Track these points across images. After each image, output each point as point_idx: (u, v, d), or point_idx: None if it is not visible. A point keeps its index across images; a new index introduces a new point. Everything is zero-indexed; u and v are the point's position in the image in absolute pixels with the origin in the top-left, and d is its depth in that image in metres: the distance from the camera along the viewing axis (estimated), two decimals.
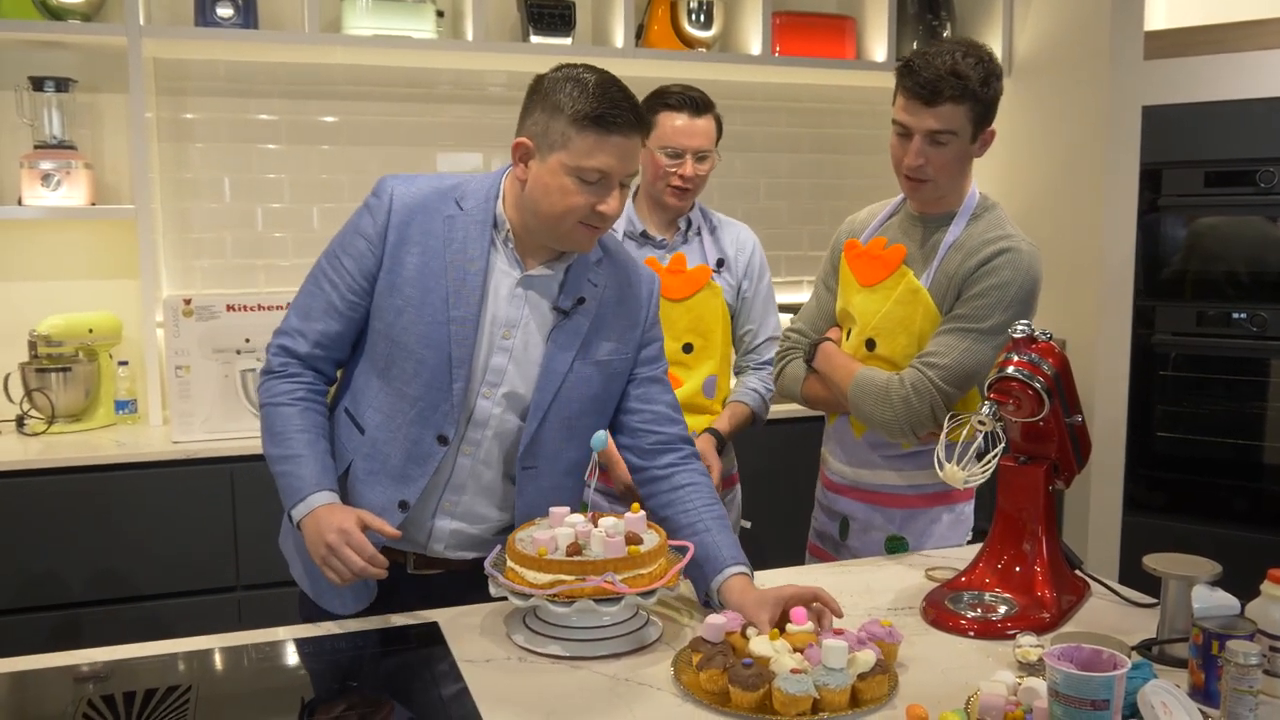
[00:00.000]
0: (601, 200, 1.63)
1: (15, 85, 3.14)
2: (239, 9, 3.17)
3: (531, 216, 1.68)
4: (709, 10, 3.65)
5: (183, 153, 3.39)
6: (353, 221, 1.75)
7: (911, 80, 1.93)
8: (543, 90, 1.63)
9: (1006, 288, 1.96)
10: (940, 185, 2.01)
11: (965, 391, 1.99)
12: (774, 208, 4.09)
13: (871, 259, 2.10)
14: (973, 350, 1.95)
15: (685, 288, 2.41)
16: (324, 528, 1.60)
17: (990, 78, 1.94)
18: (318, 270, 1.77)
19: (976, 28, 4.07)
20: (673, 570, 1.60)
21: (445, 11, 3.50)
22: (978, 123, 1.97)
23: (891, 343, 2.05)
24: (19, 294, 3.24)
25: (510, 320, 1.72)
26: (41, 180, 3.07)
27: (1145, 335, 3.54)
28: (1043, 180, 3.84)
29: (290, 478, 1.68)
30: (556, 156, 1.61)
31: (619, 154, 1.61)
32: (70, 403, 3.10)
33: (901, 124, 1.97)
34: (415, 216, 1.71)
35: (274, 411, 1.73)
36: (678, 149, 2.34)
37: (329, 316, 1.74)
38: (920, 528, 2.13)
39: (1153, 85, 3.44)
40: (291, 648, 1.61)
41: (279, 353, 1.76)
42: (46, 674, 1.51)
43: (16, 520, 2.74)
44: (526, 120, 1.66)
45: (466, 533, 1.79)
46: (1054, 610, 1.67)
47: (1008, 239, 2.00)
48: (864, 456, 2.15)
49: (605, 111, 1.58)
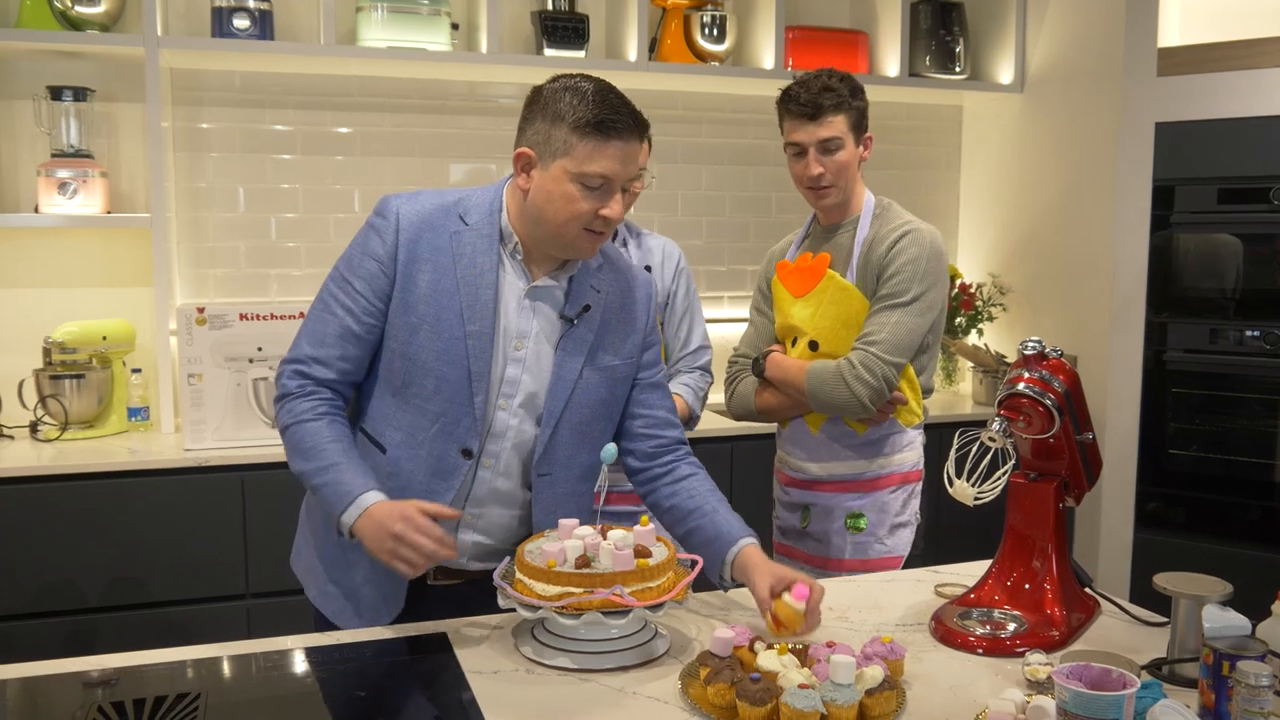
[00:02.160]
0: (605, 205, 1.66)
1: (33, 95, 3.18)
2: (255, 20, 3.20)
3: (536, 225, 1.70)
4: (722, 24, 3.66)
5: (198, 162, 3.42)
6: (359, 243, 1.74)
7: (795, 104, 2.21)
8: (542, 100, 1.67)
9: (917, 262, 2.20)
10: (841, 191, 2.27)
11: (908, 359, 2.22)
12: (786, 221, 4.09)
13: (801, 271, 2.33)
14: (903, 322, 2.19)
15: None
16: (386, 521, 1.60)
17: (856, 91, 2.24)
18: (327, 296, 1.75)
19: (989, 43, 4.07)
20: (681, 584, 1.60)
21: (460, 24, 3.52)
22: (856, 129, 2.24)
23: (833, 339, 2.26)
24: (35, 301, 3.27)
25: (521, 331, 1.74)
26: (58, 188, 3.09)
27: (1157, 352, 3.53)
28: (1055, 196, 3.83)
29: (334, 486, 1.66)
30: (560, 164, 1.64)
31: (620, 158, 1.64)
32: (83, 409, 3.12)
33: (795, 142, 2.24)
34: (423, 234, 1.72)
35: (300, 429, 1.71)
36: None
37: (346, 341, 1.73)
38: (877, 505, 2.30)
39: (1166, 102, 3.44)
40: (300, 657, 1.62)
41: (294, 376, 1.74)
42: (57, 680, 1.52)
43: (29, 526, 2.76)
44: (527, 130, 1.69)
45: (487, 545, 1.80)
46: (1063, 628, 1.66)
47: (908, 224, 2.25)
48: (827, 449, 2.32)
49: (606, 117, 1.61)
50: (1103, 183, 3.61)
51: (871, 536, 2.29)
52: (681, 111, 3.91)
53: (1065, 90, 3.78)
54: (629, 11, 3.54)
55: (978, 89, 3.99)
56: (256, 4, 3.20)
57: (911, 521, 2.34)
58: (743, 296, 4.07)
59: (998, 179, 4.11)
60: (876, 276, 2.22)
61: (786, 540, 2.45)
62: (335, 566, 1.80)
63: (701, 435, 3.31)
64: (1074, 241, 3.75)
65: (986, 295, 4.09)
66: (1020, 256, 4.02)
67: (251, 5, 3.19)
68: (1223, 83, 3.32)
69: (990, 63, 4.08)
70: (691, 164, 3.95)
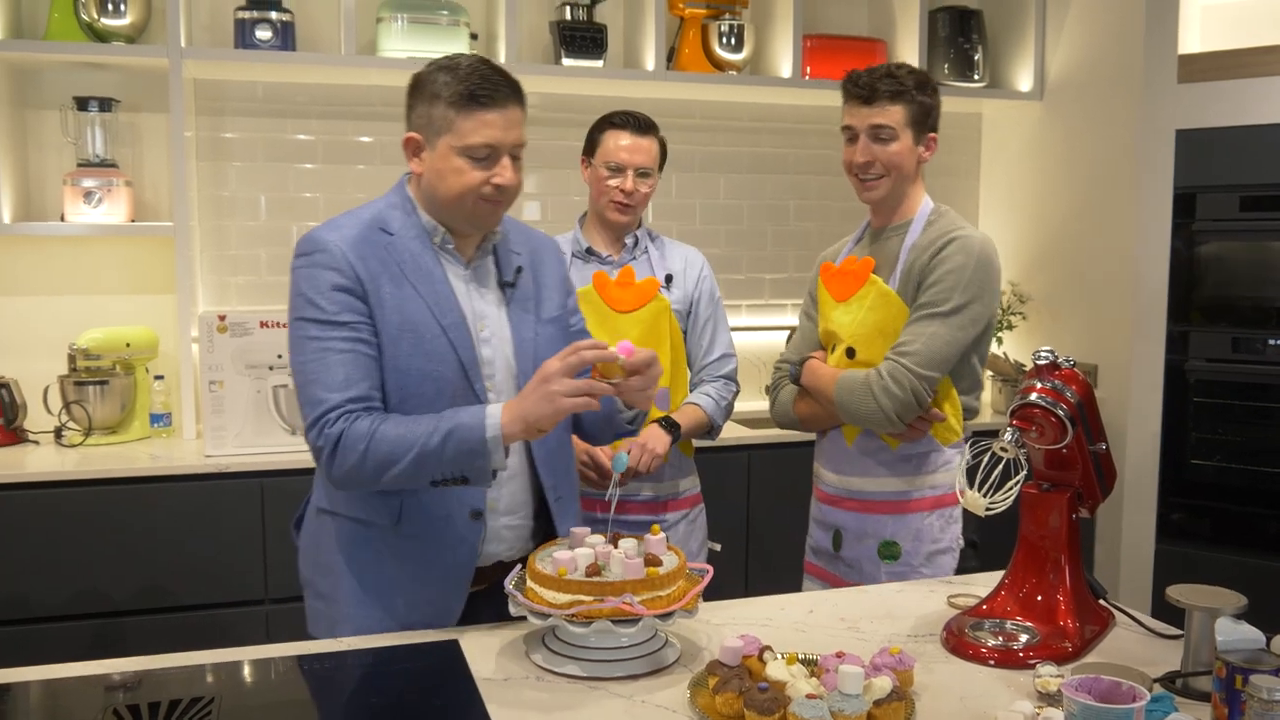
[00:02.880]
0: (495, 173, 1.71)
1: (60, 105, 3.22)
2: (277, 32, 3.23)
3: (434, 204, 1.76)
4: (739, 33, 3.67)
5: (220, 171, 3.45)
6: (312, 287, 1.70)
7: (852, 85, 2.15)
8: (420, 84, 1.73)
9: (961, 270, 2.09)
10: (890, 186, 2.17)
11: (943, 374, 2.12)
12: (804, 229, 4.09)
13: (844, 274, 2.25)
14: (939, 334, 2.08)
15: (634, 300, 2.46)
16: (532, 393, 1.61)
17: (924, 85, 2.16)
18: (317, 345, 1.69)
19: (1009, 50, 4.06)
20: (691, 593, 1.60)
21: (479, 34, 3.55)
22: (917, 125, 2.15)
23: (870, 347, 2.17)
24: (60, 308, 3.31)
25: (478, 313, 1.80)
26: (83, 197, 3.14)
27: (1178, 361, 3.50)
28: (1075, 204, 3.81)
29: (457, 433, 1.62)
30: (444, 141, 1.70)
31: (501, 125, 1.69)
32: (107, 415, 3.15)
33: (847, 126, 2.18)
34: (365, 254, 1.73)
35: (378, 436, 1.64)
36: (619, 164, 2.42)
37: (370, 369, 1.70)
38: (911, 532, 2.20)
39: (1186, 108, 3.42)
40: (314, 662, 1.63)
41: (338, 420, 1.66)
42: (73, 683, 1.54)
43: (53, 530, 2.79)
44: (411, 116, 1.75)
45: (513, 525, 1.84)
46: (1076, 640, 1.66)
47: (958, 230, 2.15)
48: (857, 464, 2.23)
49: (477, 88, 1.67)
50: (1123, 190, 3.59)
51: (907, 566, 2.19)
52: (699, 120, 3.92)
53: (1085, 97, 3.76)
54: (647, 21, 3.56)
55: (997, 96, 3.98)
56: (278, 15, 3.24)
57: (952, 547, 2.21)
58: (761, 305, 4.07)
59: (1017, 187, 4.09)
60: (918, 283, 2.13)
61: (818, 561, 2.35)
62: (378, 600, 1.79)
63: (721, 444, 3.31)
64: (1094, 249, 3.73)
65: (1006, 304, 4.07)
66: (1040, 264, 4.00)
67: (273, 17, 3.23)
68: (1244, 89, 3.30)
69: (1009, 70, 4.07)
70: (710, 172, 3.96)
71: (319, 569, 1.86)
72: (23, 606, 2.79)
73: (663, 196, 3.90)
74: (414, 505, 1.76)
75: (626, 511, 2.44)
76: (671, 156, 3.89)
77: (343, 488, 1.74)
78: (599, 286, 2.45)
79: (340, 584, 1.81)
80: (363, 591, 1.79)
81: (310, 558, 1.89)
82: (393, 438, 1.64)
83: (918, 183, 2.22)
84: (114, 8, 3.11)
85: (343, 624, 1.79)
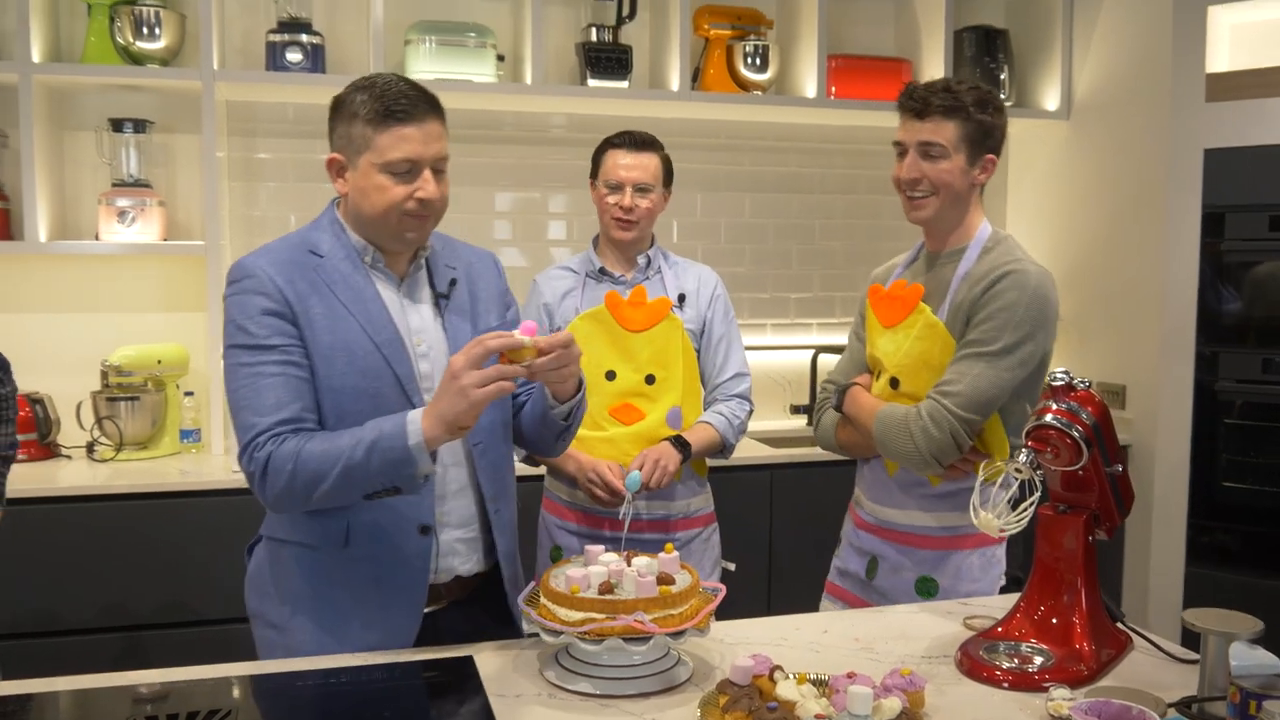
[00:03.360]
0: (417, 187, 1.72)
1: (96, 126, 3.29)
2: (308, 54, 3.29)
3: (360, 223, 1.78)
4: (764, 54, 3.69)
5: (252, 191, 3.51)
6: (240, 313, 1.72)
7: (906, 99, 2.07)
8: (338, 106, 1.76)
9: (1013, 309, 1.98)
10: (939, 206, 2.07)
11: (985, 417, 2.01)
12: (829, 249, 4.10)
13: (892, 299, 2.15)
14: (986, 374, 1.98)
15: (646, 319, 2.47)
16: (443, 394, 1.59)
17: (985, 104, 2.04)
18: (247, 371, 1.69)
19: (1035, 70, 4.05)
20: (703, 611, 1.60)
21: (505, 56, 3.59)
22: (972, 144, 2.04)
23: (914, 379, 2.08)
24: (93, 325, 3.38)
25: (414, 328, 1.82)
26: (118, 216, 3.20)
27: (1208, 382, 3.47)
28: (1103, 224, 3.79)
29: (380, 443, 1.61)
30: (365, 159, 1.72)
31: (420, 139, 1.71)
32: (138, 431, 3.21)
33: (898, 141, 2.09)
34: (294, 277, 1.74)
35: (304, 455, 1.64)
36: (618, 182, 2.45)
37: (301, 390, 1.70)
38: (951, 570, 2.11)
39: (1215, 128, 3.39)
40: (331, 677, 1.65)
41: (267, 443, 1.66)
42: (102, 694, 1.57)
43: (83, 543, 2.84)
44: (333, 138, 1.77)
45: (466, 539, 1.84)
46: (1092, 664, 1.64)
47: (1014, 263, 2.02)
48: (894, 496, 2.15)
49: (392, 105, 1.69)
50: (1151, 210, 3.57)
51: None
52: (724, 140, 3.94)
53: (1112, 116, 3.74)
54: (672, 42, 3.58)
55: (1023, 116, 3.97)
56: (309, 38, 3.30)
57: (992, 590, 2.11)
58: (786, 324, 4.07)
59: (1044, 206, 4.07)
60: (967, 318, 2.02)
61: (844, 583, 2.27)
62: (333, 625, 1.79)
63: (743, 463, 3.32)
64: (1122, 269, 3.71)
65: None
66: (1067, 284, 3.98)
67: (304, 39, 3.28)
68: (1273, 108, 3.28)
69: (1035, 89, 4.06)
70: (734, 192, 3.97)
71: (267, 599, 1.85)
72: (52, 619, 2.84)
73: (688, 215, 3.92)
74: (361, 525, 1.76)
75: (639, 530, 2.44)
76: (696, 176, 3.95)
77: (279, 510, 1.75)
78: (611, 306, 2.46)
79: (290, 612, 1.81)
80: (316, 618, 1.79)
81: (257, 587, 1.88)
82: (318, 454, 1.64)
83: (975, 206, 2.11)
84: (149, 31, 3.19)
85: (296, 653, 1.78)
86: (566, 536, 2.51)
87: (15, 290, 3.32)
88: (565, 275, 2.55)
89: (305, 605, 1.79)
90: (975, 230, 2.11)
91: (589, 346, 2.44)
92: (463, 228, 3.70)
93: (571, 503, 2.50)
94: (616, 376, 2.45)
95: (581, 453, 2.40)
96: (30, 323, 3.33)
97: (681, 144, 3.86)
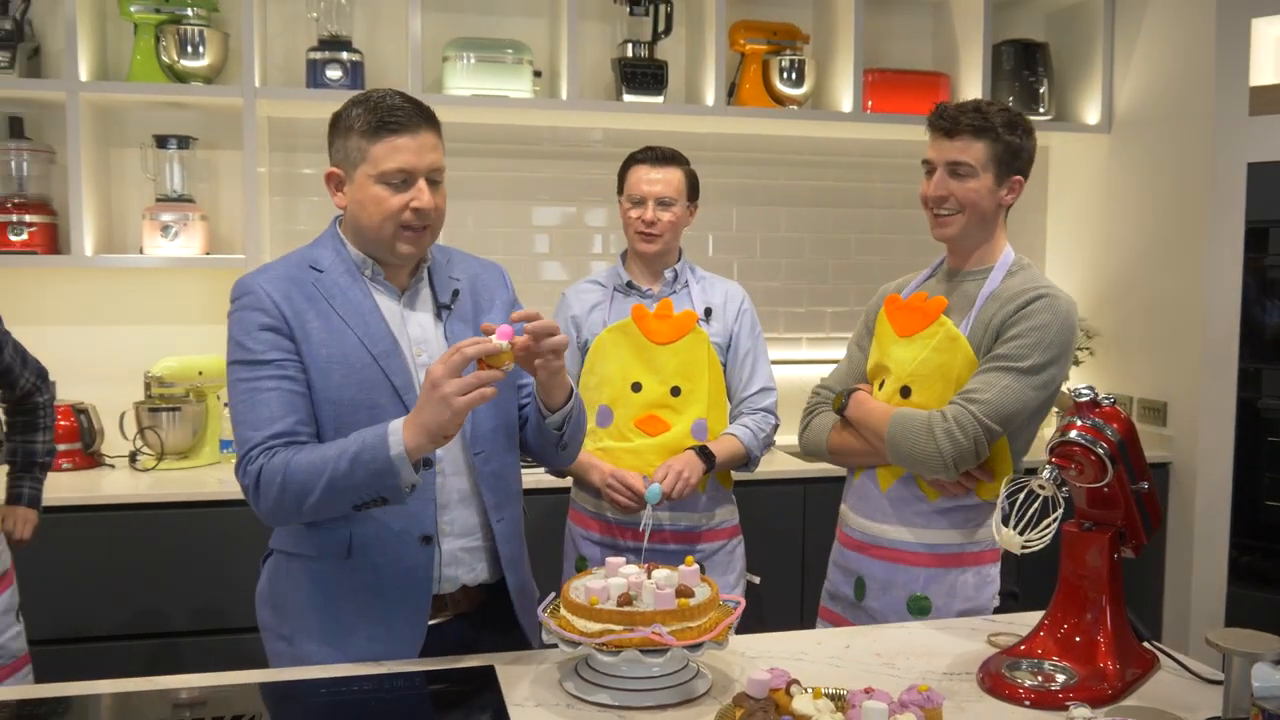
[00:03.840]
0: (412, 197, 1.73)
1: (141, 143, 3.37)
2: (347, 71, 3.35)
3: (360, 237, 1.80)
4: (800, 68, 3.69)
5: (292, 206, 3.57)
6: (240, 330, 1.75)
7: (937, 118, 2.09)
8: (336, 121, 1.79)
9: (1046, 329, 2.00)
10: (965, 225, 2.09)
11: (1006, 430, 2.00)
12: (866, 263, 4.08)
13: (912, 310, 2.15)
14: (1013, 388, 1.98)
15: (672, 332, 2.48)
16: (424, 404, 1.59)
17: (1014, 126, 2.06)
18: (246, 386, 1.73)
19: (1075, 83, 4.01)
20: (722, 624, 1.61)
21: (542, 71, 3.62)
22: (1000, 165, 2.06)
23: (928, 389, 2.08)
24: (137, 337, 3.45)
25: (415, 339, 1.83)
26: (161, 231, 3.27)
27: (1251, 399, 3.40)
28: (1144, 239, 3.74)
29: (363, 455, 1.62)
30: (361, 171, 1.74)
31: (413, 150, 1.73)
32: (179, 441, 3.27)
33: (927, 160, 2.12)
34: (292, 292, 1.77)
35: (292, 467, 1.66)
36: (640, 196, 2.48)
37: (296, 404, 1.72)
38: (945, 588, 2.09)
39: (1258, 141, 3.34)
40: (353, 685, 1.67)
41: (260, 456, 1.69)
42: (139, 698, 1.61)
43: (124, 550, 2.90)
44: (331, 152, 1.80)
45: (470, 547, 1.85)
46: (1116, 682, 1.62)
47: (1047, 287, 2.06)
48: (887, 512, 2.13)
49: (385, 116, 1.72)
50: (1193, 224, 3.52)
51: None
52: (761, 154, 3.95)
53: (1154, 130, 3.70)
54: (708, 57, 3.60)
55: (1063, 129, 3.93)
56: (349, 55, 3.35)
57: (987, 608, 2.09)
58: (821, 338, 4.06)
59: (1085, 220, 4.03)
60: (996, 334, 2.02)
61: (834, 607, 2.26)
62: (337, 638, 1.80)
63: (776, 477, 3.31)
64: (1164, 285, 3.65)
65: None
66: (1108, 300, 3.93)
67: (344, 57, 3.34)
68: None
69: (1076, 103, 4.02)
70: (771, 206, 3.98)
71: (277, 611, 1.88)
72: (90, 625, 2.90)
73: (723, 229, 3.93)
74: (362, 537, 1.77)
75: (662, 541, 2.46)
76: (732, 190, 3.96)
77: (274, 523, 1.78)
78: (638, 319, 2.48)
79: (298, 625, 1.83)
80: (321, 630, 1.81)
81: (266, 600, 1.91)
82: (305, 466, 1.66)
83: (999, 229, 2.13)
84: (193, 50, 3.26)
85: (303, 665, 1.79)
86: (590, 547, 2.53)
87: (63, 302, 3.41)
88: (593, 289, 2.58)
89: (311, 618, 1.82)
90: (999, 252, 2.13)
91: (615, 359, 2.46)
92: (502, 242, 3.74)
93: (596, 513, 2.51)
94: (642, 388, 2.46)
95: (605, 462, 2.42)
96: (76, 334, 3.42)
97: (717, 159, 3.88)
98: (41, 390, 2.47)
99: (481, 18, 3.67)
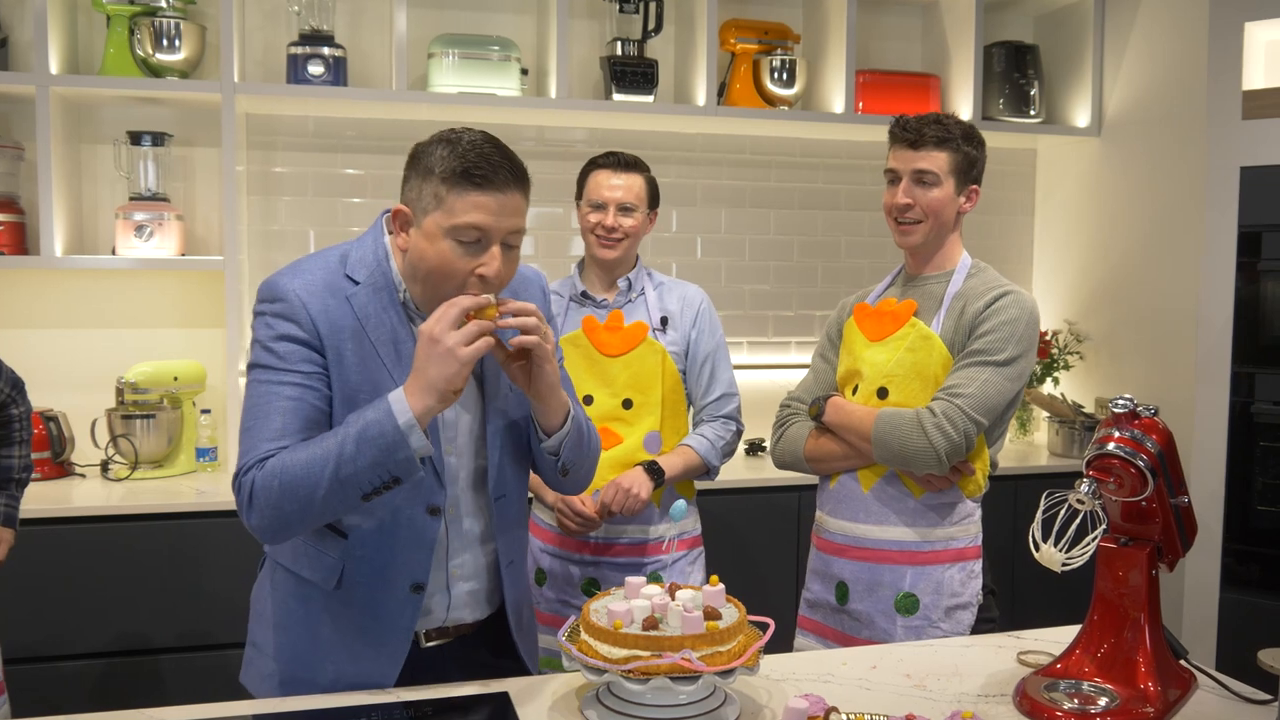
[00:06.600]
0: (482, 262, 1.58)
1: (114, 139, 3.24)
2: (329, 67, 3.24)
3: (414, 284, 1.65)
4: (791, 68, 3.64)
5: (271, 205, 3.46)
6: (268, 336, 1.63)
7: (900, 129, 2.18)
8: (416, 156, 1.62)
9: (1016, 323, 2.09)
10: (928, 233, 2.17)
11: (989, 422, 2.07)
12: (855, 266, 4.03)
13: (881, 315, 2.22)
14: (993, 381, 2.06)
15: (621, 344, 2.43)
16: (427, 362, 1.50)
17: (971, 138, 2.17)
18: (262, 395, 1.60)
19: (1065, 86, 3.99)
20: (752, 648, 1.54)
21: (529, 69, 3.54)
22: (960, 174, 2.16)
23: (905, 388, 2.14)
24: (109, 341, 3.32)
25: None
26: (135, 231, 3.15)
27: (1244, 404, 3.39)
28: (1137, 242, 3.72)
29: (369, 431, 1.50)
30: (432, 219, 1.57)
31: (494, 209, 1.56)
32: (153, 449, 3.15)
33: (891, 169, 2.19)
34: (328, 306, 1.63)
35: (287, 466, 1.54)
36: (601, 201, 2.43)
37: (312, 420, 1.61)
38: (931, 585, 2.13)
39: (1251, 145, 3.33)
40: (363, 715, 1.58)
41: (254, 466, 1.58)
42: None
43: (97, 564, 2.78)
44: (405, 188, 1.63)
45: (474, 590, 1.77)
46: (1159, 704, 1.57)
47: (1009, 285, 2.16)
48: (873, 512, 2.16)
49: (473, 165, 1.55)
50: (1185, 228, 3.50)
51: (925, 620, 2.11)
52: (750, 156, 3.88)
53: (1145, 133, 3.68)
54: (698, 56, 3.53)
55: (1053, 132, 3.91)
56: (330, 51, 3.25)
57: (972, 603, 2.14)
58: (810, 342, 4.00)
59: (1074, 223, 4.01)
60: (969, 330, 2.10)
61: (815, 615, 2.27)
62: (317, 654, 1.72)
63: (771, 484, 3.25)
64: (1155, 289, 3.63)
65: (1063, 343, 3.97)
66: (1098, 303, 3.91)
67: (326, 52, 3.24)
68: None
69: (1066, 106, 3.99)
70: (759, 208, 3.91)
71: (259, 618, 1.81)
72: (64, 643, 2.77)
73: (713, 232, 3.86)
74: (354, 573, 1.68)
75: (615, 554, 2.42)
76: (721, 191, 3.89)
77: (270, 536, 1.59)
78: (588, 331, 2.44)
79: (273, 637, 1.75)
80: (293, 650, 1.73)
81: (254, 606, 1.84)
82: (303, 461, 1.53)
83: (956, 235, 2.22)
84: (168, 43, 3.14)
85: (269, 679, 1.73)
86: (548, 559, 2.49)
87: (30, 305, 3.27)
88: (553, 299, 2.51)
89: (285, 634, 1.74)
90: (957, 256, 2.23)
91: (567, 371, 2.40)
92: None
93: (552, 526, 2.47)
94: (594, 401, 2.42)
95: None
96: (45, 338, 3.28)
97: (707, 159, 3.81)
98: (16, 401, 2.35)
99: (468, 13, 3.57)
